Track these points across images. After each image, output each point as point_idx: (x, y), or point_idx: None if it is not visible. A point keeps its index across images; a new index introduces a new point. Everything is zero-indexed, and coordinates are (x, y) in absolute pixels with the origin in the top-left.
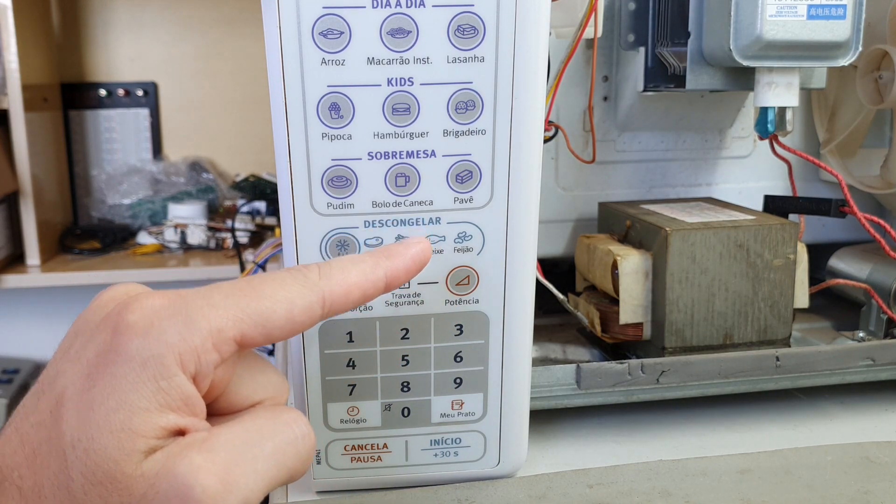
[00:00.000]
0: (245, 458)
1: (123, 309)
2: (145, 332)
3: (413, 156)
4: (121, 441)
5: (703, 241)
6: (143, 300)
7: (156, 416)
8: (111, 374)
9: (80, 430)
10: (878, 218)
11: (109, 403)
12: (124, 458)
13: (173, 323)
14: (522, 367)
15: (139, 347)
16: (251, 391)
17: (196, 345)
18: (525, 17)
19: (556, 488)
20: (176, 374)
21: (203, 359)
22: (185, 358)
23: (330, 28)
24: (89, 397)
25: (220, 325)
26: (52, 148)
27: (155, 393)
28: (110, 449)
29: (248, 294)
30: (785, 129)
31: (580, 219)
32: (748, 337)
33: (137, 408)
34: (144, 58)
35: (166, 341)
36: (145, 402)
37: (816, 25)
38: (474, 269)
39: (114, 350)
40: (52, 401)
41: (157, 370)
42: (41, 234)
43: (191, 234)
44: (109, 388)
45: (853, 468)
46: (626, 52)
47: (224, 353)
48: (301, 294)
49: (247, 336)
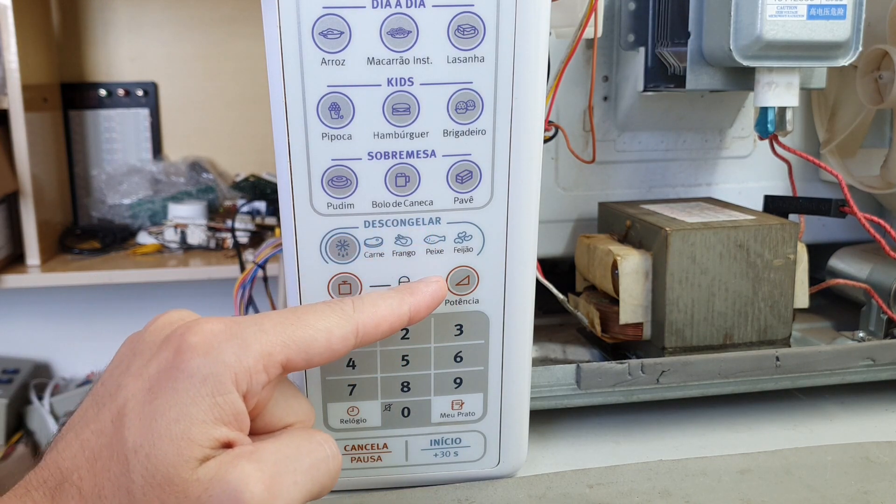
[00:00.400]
0: (287, 469)
1: (186, 331)
2: (206, 352)
3: (413, 156)
4: (180, 448)
5: (703, 241)
6: (204, 324)
7: (211, 427)
8: (173, 388)
9: (143, 437)
10: (878, 218)
11: (171, 414)
12: (182, 464)
13: (230, 346)
14: (522, 367)
15: (200, 366)
16: (284, 414)
17: (249, 366)
18: (525, 17)
19: (556, 488)
20: (231, 391)
21: (254, 378)
22: (240, 377)
23: (330, 28)
24: (152, 408)
25: (270, 349)
26: (52, 148)
27: (212, 407)
28: (170, 455)
29: (293, 323)
30: (785, 129)
31: (580, 219)
32: (748, 337)
33: (196, 419)
34: (144, 58)
35: (224, 361)
36: (203, 415)
37: (816, 25)
38: (474, 269)
39: (176, 367)
40: (113, 411)
41: (214, 387)
42: (41, 234)
43: (191, 234)
44: (172, 400)
45: (853, 468)
46: (626, 52)
47: (271, 374)
48: (339, 325)
49: (291, 361)
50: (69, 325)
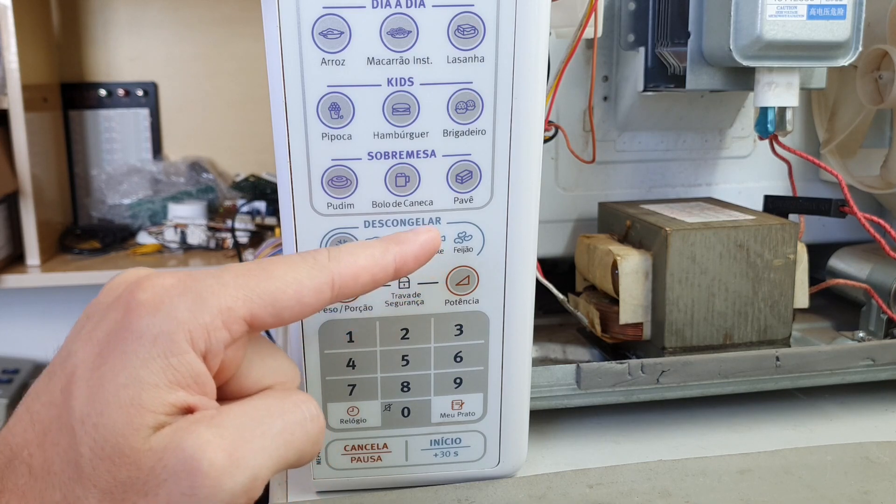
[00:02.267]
0: (253, 434)
1: (135, 288)
2: (155, 309)
3: (413, 156)
4: (129, 416)
5: (703, 241)
6: (154, 279)
7: (165, 392)
8: (122, 350)
9: (90, 406)
10: (878, 218)
11: (119, 379)
12: (132, 433)
13: (183, 300)
14: (522, 367)
15: (149, 324)
16: (261, 375)
17: (206, 322)
18: (525, 17)
19: (556, 488)
20: (186, 350)
21: (213, 336)
22: (195, 335)
23: (330, 28)
24: (100, 374)
25: (230, 303)
26: (52, 148)
27: (164, 369)
28: (119, 424)
29: (257, 275)
30: (785, 129)
31: (580, 219)
32: (748, 337)
33: (147, 383)
34: (144, 58)
35: (176, 318)
36: (155, 378)
37: (816, 25)
38: (474, 269)
39: (125, 328)
40: (62, 380)
41: (166, 347)
42: (41, 234)
43: (191, 234)
44: (120, 364)
45: (853, 468)
46: (626, 52)
47: (234, 332)
48: (310, 275)
49: (256, 316)
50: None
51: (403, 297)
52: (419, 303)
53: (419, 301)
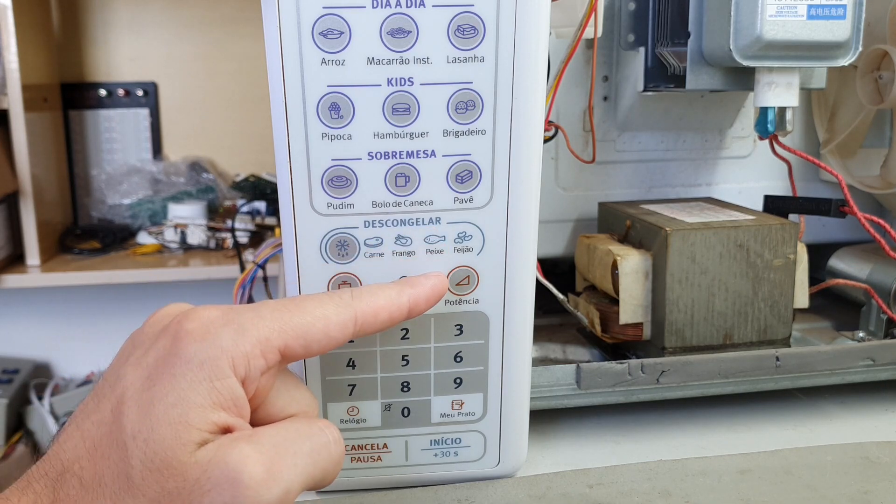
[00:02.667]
0: (287, 452)
1: (183, 319)
2: (202, 337)
3: (413, 156)
4: (178, 432)
5: (703, 241)
6: (201, 311)
7: (209, 412)
8: (171, 374)
9: (141, 423)
10: (878, 218)
11: (169, 399)
12: (180, 448)
13: (227, 331)
14: (522, 367)
15: (197, 351)
16: (286, 404)
17: (247, 351)
18: (525, 17)
19: (556, 488)
20: (228, 375)
21: (252, 364)
22: (237, 362)
23: (330, 28)
24: (150, 395)
25: (268, 334)
26: (52, 148)
27: (210, 391)
28: (168, 439)
29: (291, 310)
30: (785, 129)
31: (580, 219)
32: (748, 337)
33: (193, 404)
34: (144, 58)
35: (221, 346)
36: (200, 399)
37: (816, 25)
38: (474, 269)
39: (174, 354)
40: (113, 401)
41: (212, 371)
42: (41, 234)
43: (191, 234)
44: (169, 386)
45: (853, 468)
46: (626, 52)
47: (270, 360)
48: (337, 311)
49: (289, 347)
50: (69, 325)
51: None
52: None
53: None
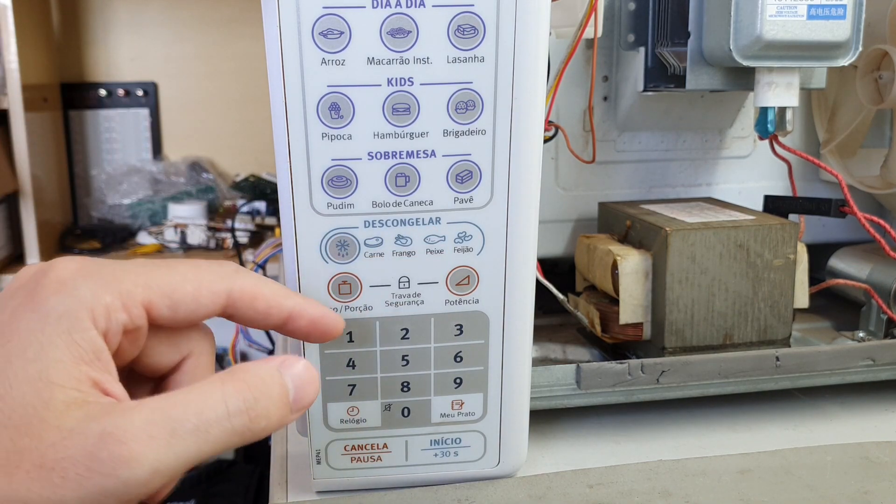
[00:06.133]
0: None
1: (41, 272)
2: (59, 289)
3: (413, 156)
4: (38, 390)
5: (703, 241)
6: (59, 264)
7: (71, 367)
8: (27, 329)
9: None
10: (878, 218)
11: (27, 355)
12: (42, 406)
13: (86, 282)
14: (522, 367)
15: (55, 303)
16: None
17: (107, 302)
18: (525, 17)
19: (556, 488)
20: (89, 328)
21: (113, 317)
22: (97, 314)
23: (330, 28)
24: (6, 351)
25: (130, 288)
26: (52, 148)
27: (69, 345)
28: (28, 396)
29: (161, 268)
30: (785, 129)
31: (580, 219)
32: (748, 337)
33: (52, 359)
34: (144, 58)
35: (80, 297)
36: (59, 353)
37: (816, 25)
38: (474, 269)
39: (30, 308)
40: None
41: (70, 323)
42: (41, 234)
43: (191, 234)
44: (26, 341)
45: (853, 468)
46: (626, 52)
47: (133, 315)
48: (212, 279)
49: (153, 303)
50: None
51: (403, 297)
52: (419, 303)
53: (419, 301)
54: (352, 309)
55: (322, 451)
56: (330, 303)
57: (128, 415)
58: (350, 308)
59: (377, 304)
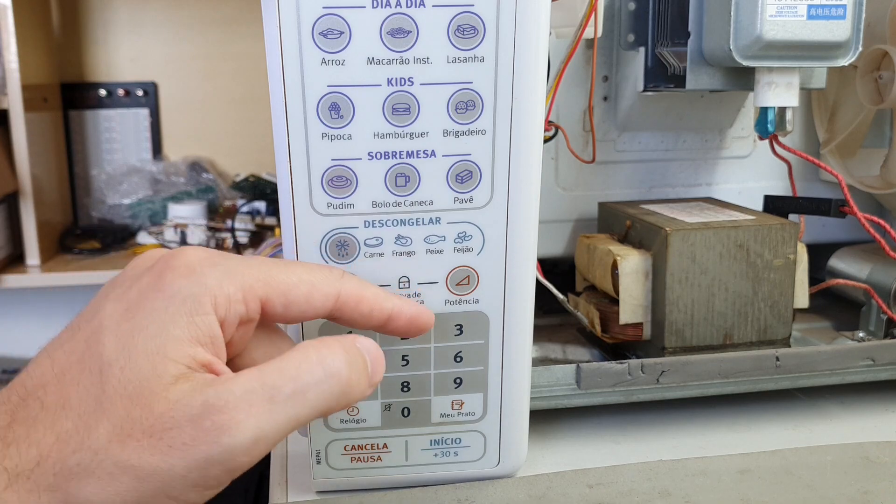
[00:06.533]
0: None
1: (170, 257)
2: (188, 274)
3: (413, 156)
4: (154, 363)
5: (703, 241)
6: (188, 251)
7: (187, 346)
8: (152, 307)
9: (119, 352)
10: (878, 218)
11: (149, 331)
12: (155, 379)
13: (214, 271)
14: (522, 367)
15: (181, 286)
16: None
17: (229, 293)
18: (525, 17)
19: (556, 488)
20: (209, 312)
21: (232, 307)
22: (219, 301)
23: (330, 28)
24: (129, 326)
25: (252, 282)
26: (52, 148)
27: (189, 325)
28: (144, 369)
29: (279, 267)
30: (785, 129)
31: (580, 219)
32: (748, 337)
33: (172, 336)
34: (144, 58)
35: (205, 284)
36: (179, 332)
37: (816, 25)
38: (474, 269)
39: (157, 288)
40: (88, 332)
41: (193, 306)
42: (41, 234)
43: (191, 234)
44: (150, 318)
45: (853, 468)
46: (626, 52)
47: (250, 309)
48: (323, 282)
49: (270, 300)
50: None
51: None
52: (419, 303)
53: (419, 301)
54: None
55: (322, 451)
56: None
57: (227, 385)
58: None
59: None
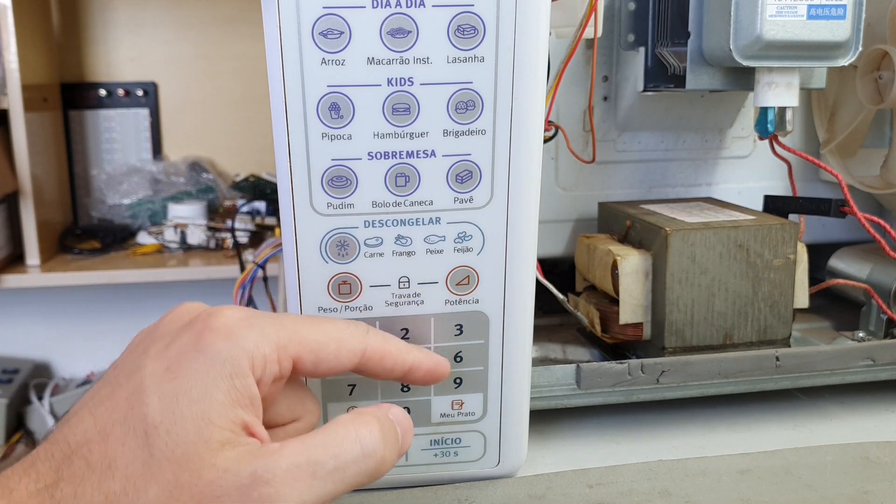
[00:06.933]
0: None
1: (208, 317)
2: (227, 336)
3: (413, 156)
4: (200, 429)
5: (703, 241)
6: (226, 311)
7: (230, 409)
8: (194, 369)
9: (164, 414)
10: (878, 218)
11: (192, 394)
12: (203, 444)
13: (251, 333)
14: (522, 367)
15: (221, 349)
16: (289, 408)
17: (266, 354)
18: (525, 17)
19: (556, 488)
20: (248, 374)
21: (268, 368)
22: (256, 363)
23: (330, 28)
24: (173, 387)
25: (286, 343)
26: (52, 148)
27: (230, 389)
28: (191, 434)
29: (309, 325)
30: (785, 129)
31: (580, 219)
32: (748, 337)
33: (215, 400)
34: (144, 58)
35: (244, 346)
36: (222, 396)
37: (816, 25)
38: (474, 269)
39: (198, 349)
40: (129, 389)
41: (233, 369)
42: (41, 234)
43: (191, 234)
44: (193, 380)
45: (853, 468)
46: (626, 52)
47: (283, 368)
48: (351, 339)
49: (302, 359)
50: (69, 325)
51: (403, 297)
52: (419, 303)
53: (419, 301)
54: (351, 309)
55: None
56: (330, 303)
57: (274, 457)
58: (350, 308)
59: (377, 304)
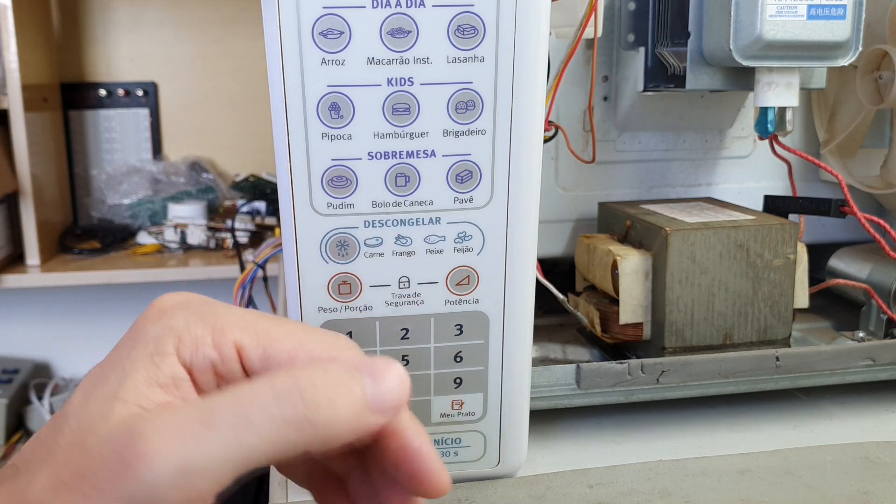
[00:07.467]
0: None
1: (150, 306)
2: (158, 318)
3: (413, 156)
4: (103, 407)
5: (703, 241)
6: (167, 295)
7: (143, 386)
8: (119, 356)
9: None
10: (878, 218)
11: (111, 378)
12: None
13: (183, 313)
14: (522, 367)
15: (149, 330)
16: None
17: (196, 334)
18: (525, 17)
19: (556, 488)
20: (171, 353)
21: (200, 350)
22: (184, 343)
23: (330, 28)
24: (96, 378)
25: (223, 325)
26: (52, 148)
27: (148, 367)
28: (95, 412)
29: (268, 319)
30: (785, 129)
31: (580, 219)
32: (748, 337)
33: (129, 378)
34: (144, 58)
35: (172, 325)
36: (136, 374)
37: (816, 25)
38: (474, 269)
39: (129, 336)
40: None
41: (156, 348)
42: (41, 234)
43: (191, 234)
44: (115, 366)
45: (853, 468)
46: (626, 52)
47: (223, 354)
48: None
49: (245, 347)
50: (69, 325)
51: (403, 297)
52: (419, 303)
53: (419, 301)
54: (352, 309)
55: None
56: (330, 303)
57: (161, 412)
58: (350, 308)
59: (377, 304)
